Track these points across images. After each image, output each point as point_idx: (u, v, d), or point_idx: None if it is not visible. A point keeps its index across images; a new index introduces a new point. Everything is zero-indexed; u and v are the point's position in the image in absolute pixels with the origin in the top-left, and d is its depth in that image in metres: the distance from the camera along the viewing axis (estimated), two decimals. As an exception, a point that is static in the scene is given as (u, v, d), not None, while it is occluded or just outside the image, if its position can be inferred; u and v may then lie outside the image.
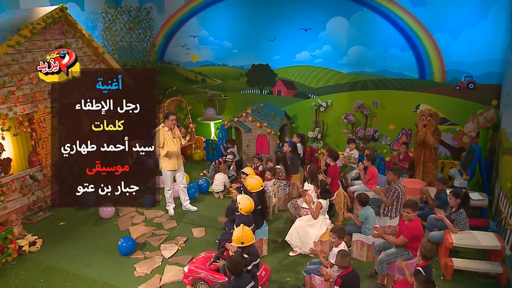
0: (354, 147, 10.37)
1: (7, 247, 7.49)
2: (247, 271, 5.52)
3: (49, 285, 6.75)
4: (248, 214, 6.91)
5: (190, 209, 9.21)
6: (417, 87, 10.58)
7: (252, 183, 7.42)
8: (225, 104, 13.29)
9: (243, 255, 5.62)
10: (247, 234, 5.75)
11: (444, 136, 10.51)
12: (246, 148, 11.30)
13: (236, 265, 5.17)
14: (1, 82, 8.35)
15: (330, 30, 11.18)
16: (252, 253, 5.76)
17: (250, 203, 6.84)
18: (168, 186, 8.89)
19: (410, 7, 10.18)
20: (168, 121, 8.68)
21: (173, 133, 8.77)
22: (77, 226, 8.80)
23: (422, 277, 4.90)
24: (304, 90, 12.03)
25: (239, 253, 5.74)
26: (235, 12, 12.29)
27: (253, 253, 5.77)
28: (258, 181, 7.46)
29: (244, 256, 5.61)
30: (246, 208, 6.82)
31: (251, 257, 5.71)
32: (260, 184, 7.44)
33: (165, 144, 8.64)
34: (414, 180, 9.38)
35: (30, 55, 8.91)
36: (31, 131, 9.28)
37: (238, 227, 5.88)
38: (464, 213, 7.16)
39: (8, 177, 8.83)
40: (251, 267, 5.66)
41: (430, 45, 10.24)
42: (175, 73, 13.73)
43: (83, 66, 10.12)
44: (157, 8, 13.29)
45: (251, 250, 5.75)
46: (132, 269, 7.17)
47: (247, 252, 5.67)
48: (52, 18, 9.13)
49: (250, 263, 5.66)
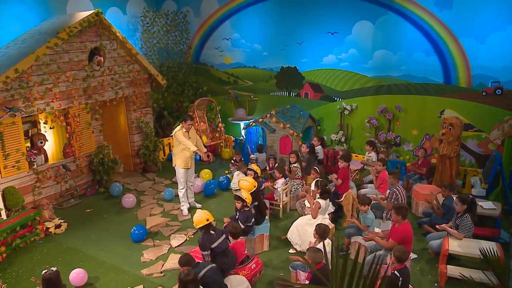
0: (372, 150, 10.36)
1: (35, 228, 8.29)
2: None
3: (65, 264, 7.38)
4: (249, 209, 7.31)
5: (195, 206, 9.59)
6: (442, 92, 10.39)
7: (245, 184, 7.75)
8: (255, 105, 13.62)
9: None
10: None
11: (469, 142, 10.27)
12: (271, 148, 11.58)
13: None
14: (40, 80, 9.16)
15: (356, 34, 11.23)
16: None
17: (251, 182, 7.50)
18: (182, 184, 9.26)
19: (436, 10, 10.04)
20: (185, 124, 9.11)
21: (189, 134, 9.21)
22: (101, 213, 9.46)
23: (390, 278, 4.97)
24: (330, 93, 12.13)
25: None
26: (265, 16, 12.62)
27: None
28: (250, 182, 7.78)
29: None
30: (248, 187, 7.56)
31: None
32: (253, 184, 7.76)
33: (181, 144, 9.08)
34: (429, 186, 9.26)
35: (67, 56, 9.68)
36: (66, 125, 10.07)
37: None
38: (469, 218, 7.03)
39: (44, 165, 9.67)
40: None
41: (455, 49, 10.04)
42: (210, 74, 14.26)
43: (117, 66, 10.88)
44: (193, 12, 13.89)
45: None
46: (139, 255, 7.68)
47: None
48: (88, 21, 9.86)
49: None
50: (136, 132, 11.71)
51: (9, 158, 8.74)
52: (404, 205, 6.60)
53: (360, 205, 7.34)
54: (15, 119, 8.80)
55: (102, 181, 10.55)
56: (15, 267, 7.34)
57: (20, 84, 8.74)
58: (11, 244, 7.79)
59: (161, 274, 7.11)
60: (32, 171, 9.27)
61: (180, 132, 8.98)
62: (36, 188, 9.36)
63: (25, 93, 8.87)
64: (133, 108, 11.53)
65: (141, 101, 11.73)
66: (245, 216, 7.31)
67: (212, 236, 6.34)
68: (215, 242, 6.30)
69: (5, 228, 7.70)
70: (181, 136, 8.90)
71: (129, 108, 11.50)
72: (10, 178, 8.83)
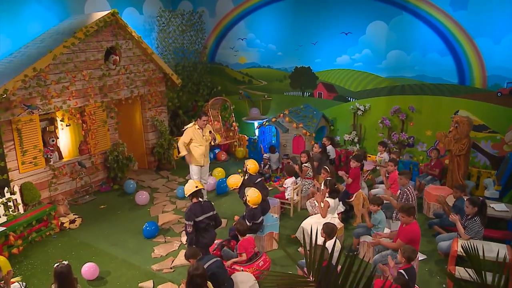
0: (384, 150, 10.34)
1: (51, 222, 8.52)
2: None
3: (78, 258, 7.57)
4: (256, 207, 7.36)
5: None
6: (456, 93, 10.31)
7: (233, 181, 8.21)
8: (269, 104, 13.69)
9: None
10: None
11: (483, 144, 10.17)
12: (284, 147, 11.64)
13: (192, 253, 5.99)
14: (57, 79, 9.39)
15: (370, 34, 11.21)
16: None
17: (257, 196, 7.33)
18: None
19: (451, 10, 9.96)
20: (200, 120, 9.23)
21: (203, 131, 9.31)
22: (115, 209, 9.65)
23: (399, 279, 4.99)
24: (344, 93, 12.12)
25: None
26: (280, 16, 12.67)
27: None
28: (237, 179, 8.22)
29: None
30: (254, 200, 7.33)
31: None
32: (239, 181, 8.14)
33: (192, 141, 9.25)
34: (442, 187, 9.23)
35: (84, 55, 9.89)
36: (82, 122, 10.29)
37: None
38: (478, 221, 6.98)
39: (61, 162, 9.91)
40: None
41: (470, 49, 9.95)
42: (225, 74, 14.38)
43: (133, 65, 11.07)
44: (209, 12, 14.02)
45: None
46: (150, 251, 7.83)
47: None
48: (104, 21, 10.04)
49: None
50: (151, 130, 11.89)
51: (26, 154, 9.00)
52: (411, 205, 6.60)
53: (370, 205, 7.36)
54: (33, 116, 9.05)
55: (117, 178, 10.74)
56: (30, 260, 7.57)
57: (38, 83, 8.98)
58: (27, 238, 8.03)
59: (171, 269, 7.25)
60: (49, 167, 9.51)
61: (190, 129, 9.12)
62: (52, 184, 9.60)
63: (43, 91, 9.10)
64: (148, 106, 11.71)
65: (156, 100, 11.90)
66: (252, 214, 7.41)
67: (199, 208, 6.67)
68: (200, 216, 6.63)
69: (22, 222, 7.95)
70: (185, 134, 9.15)
71: (144, 106, 11.68)
72: (27, 173, 9.09)
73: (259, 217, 7.47)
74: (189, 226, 6.57)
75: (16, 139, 8.80)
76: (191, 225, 6.57)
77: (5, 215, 8.10)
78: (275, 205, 8.84)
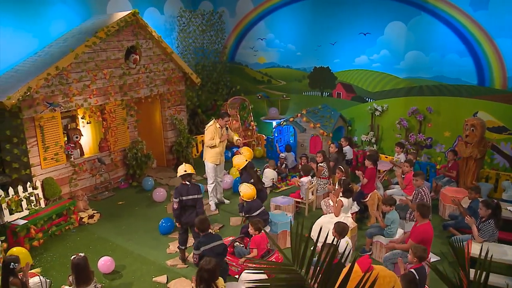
0: (401, 151, 10.28)
1: (70, 217, 8.78)
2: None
3: (95, 252, 7.78)
4: (253, 200, 7.72)
5: (223, 201, 9.82)
6: (475, 94, 10.19)
7: (237, 161, 8.80)
8: (288, 104, 13.75)
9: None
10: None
11: (503, 146, 10.02)
12: (301, 147, 11.70)
13: (202, 222, 6.25)
14: (78, 77, 9.65)
15: (388, 34, 11.17)
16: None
17: (251, 191, 7.67)
18: (212, 179, 9.48)
19: (471, 11, 9.86)
20: (221, 120, 9.38)
21: (222, 131, 9.44)
22: (132, 206, 9.86)
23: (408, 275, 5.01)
24: (362, 94, 12.10)
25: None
26: (299, 16, 12.73)
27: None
28: (241, 160, 8.74)
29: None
30: (248, 195, 7.74)
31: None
32: (244, 162, 8.66)
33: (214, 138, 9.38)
34: (457, 189, 9.15)
35: (105, 54, 10.14)
36: (102, 120, 10.54)
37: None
38: (492, 224, 6.92)
39: (81, 158, 10.18)
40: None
41: (490, 50, 9.83)
42: (244, 73, 14.51)
43: (153, 65, 11.28)
44: (229, 12, 14.17)
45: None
46: (166, 246, 7.99)
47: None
48: (125, 21, 10.26)
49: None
50: (170, 129, 12.08)
51: (48, 150, 9.27)
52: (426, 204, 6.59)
53: (383, 205, 7.36)
54: (55, 113, 9.32)
55: (135, 175, 10.96)
56: (50, 253, 7.84)
57: (60, 81, 9.25)
58: (48, 231, 8.31)
59: (185, 265, 7.39)
60: (69, 163, 9.78)
61: (212, 127, 9.25)
62: (72, 180, 9.86)
63: (65, 89, 9.37)
64: (168, 105, 11.90)
65: (175, 99, 12.09)
66: (248, 207, 7.66)
67: (185, 188, 7.34)
68: (186, 195, 7.29)
69: (43, 216, 8.24)
70: (209, 131, 9.27)
71: (164, 105, 11.88)
72: (49, 169, 9.36)
73: (255, 211, 7.64)
74: (175, 203, 7.31)
75: (38, 136, 9.08)
76: (177, 202, 7.28)
77: (27, 209, 8.39)
78: (290, 204, 8.90)
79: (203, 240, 6.13)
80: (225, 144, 9.65)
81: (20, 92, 8.41)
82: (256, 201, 7.73)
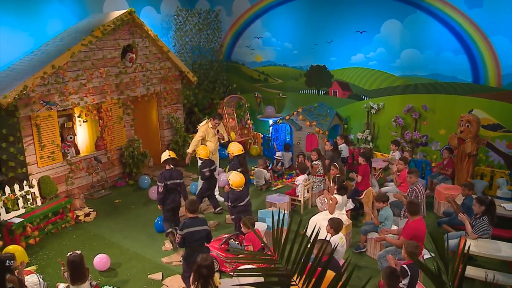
0: (396, 149, 10.32)
1: (66, 215, 8.82)
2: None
3: (91, 249, 7.83)
4: (240, 189, 7.78)
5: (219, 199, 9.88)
6: (471, 92, 10.23)
7: (234, 148, 8.98)
8: (284, 102, 13.78)
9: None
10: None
11: (498, 143, 10.05)
12: (297, 145, 11.73)
13: (192, 203, 6.38)
14: (75, 76, 9.68)
15: (384, 32, 11.21)
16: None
17: (240, 179, 7.73)
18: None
19: (466, 8, 9.89)
20: (213, 121, 9.58)
21: (215, 131, 9.57)
22: (129, 204, 9.91)
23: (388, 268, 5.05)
24: (358, 92, 12.14)
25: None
26: (296, 15, 12.76)
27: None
28: (240, 147, 9.03)
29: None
30: (237, 183, 7.76)
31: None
32: (239, 150, 8.94)
33: (205, 139, 9.57)
34: (452, 186, 9.20)
35: (101, 53, 10.17)
36: (98, 119, 10.57)
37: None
38: (486, 220, 6.95)
39: (77, 157, 10.21)
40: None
41: (485, 48, 9.86)
42: (241, 72, 14.53)
43: (149, 63, 11.30)
44: (225, 11, 14.20)
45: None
46: (161, 244, 8.03)
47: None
48: (121, 20, 10.29)
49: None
50: (167, 127, 12.12)
51: (45, 149, 9.31)
52: (415, 201, 6.62)
53: (376, 202, 7.40)
54: (51, 112, 9.36)
55: (132, 173, 10.99)
56: (46, 250, 7.88)
57: (57, 80, 9.28)
58: (44, 229, 8.35)
59: (180, 262, 7.37)
60: (66, 162, 9.81)
61: (204, 127, 9.36)
62: (69, 178, 9.90)
63: (61, 88, 9.40)
64: (164, 104, 11.94)
65: (172, 97, 12.12)
66: (235, 196, 7.74)
67: (170, 173, 7.92)
68: (170, 180, 7.84)
69: (39, 214, 8.28)
70: (199, 133, 9.61)
71: (160, 104, 11.92)
72: (45, 168, 9.40)
73: (242, 200, 7.76)
74: (160, 187, 7.80)
75: (35, 134, 9.12)
76: (162, 186, 7.78)
77: (24, 207, 8.43)
78: (285, 202, 8.94)
79: (188, 222, 6.19)
80: (217, 143, 9.79)
81: (16, 91, 8.44)
82: (244, 191, 7.88)
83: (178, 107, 12.38)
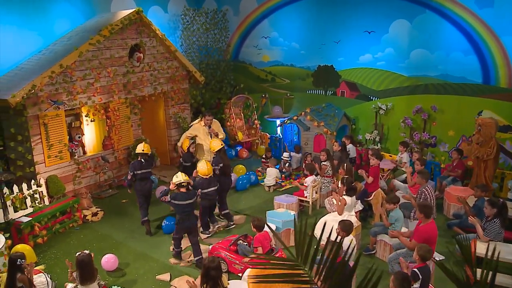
0: (404, 150, 10.23)
1: (74, 215, 8.82)
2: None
3: (98, 249, 7.78)
4: (206, 177, 8.09)
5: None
6: (481, 93, 10.13)
7: (214, 144, 8.88)
8: (292, 103, 13.73)
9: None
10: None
11: (508, 145, 9.95)
12: (305, 146, 11.68)
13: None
14: (82, 75, 9.67)
15: (393, 32, 11.12)
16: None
17: (206, 169, 8.08)
18: None
19: (476, 8, 9.79)
20: (204, 119, 9.86)
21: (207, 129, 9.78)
22: (136, 204, 9.71)
23: (400, 274, 4.97)
24: (366, 92, 12.06)
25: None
26: (303, 15, 12.70)
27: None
28: (219, 143, 8.92)
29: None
30: (202, 171, 8.10)
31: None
32: (219, 146, 8.80)
33: (197, 137, 9.93)
34: (463, 188, 9.10)
35: (109, 52, 10.15)
36: (106, 118, 10.55)
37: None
38: (498, 223, 6.88)
39: (85, 156, 10.19)
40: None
41: (496, 48, 9.76)
42: (248, 72, 14.49)
43: (156, 63, 11.28)
44: (233, 10, 14.16)
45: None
46: (169, 245, 7.96)
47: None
48: (129, 19, 10.27)
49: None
50: (174, 127, 12.09)
51: (52, 148, 9.30)
52: (428, 204, 6.55)
53: (387, 203, 7.33)
54: (59, 111, 9.35)
55: (139, 173, 10.94)
56: (54, 250, 7.86)
57: (64, 79, 9.27)
58: (52, 229, 8.34)
59: (188, 263, 7.39)
60: (73, 161, 9.80)
61: (196, 125, 9.76)
62: (76, 177, 9.89)
63: (69, 87, 9.39)
64: (171, 103, 11.91)
65: (179, 97, 12.09)
66: (199, 182, 8.06)
67: (140, 164, 8.47)
68: (140, 170, 8.43)
69: (47, 213, 8.27)
70: (189, 130, 10.15)
71: (167, 103, 11.89)
72: (53, 167, 9.39)
73: (206, 188, 8.02)
74: (129, 175, 8.49)
75: (42, 134, 9.11)
76: (131, 175, 8.44)
77: (32, 206, 8.42)
78: (294, 203, 8.88)
79: (179, 196, 7.25)
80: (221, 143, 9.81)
81: (24, 90, 8.44)
82: (209, 180, 8.10)
83: (185, 106, 12.35)
